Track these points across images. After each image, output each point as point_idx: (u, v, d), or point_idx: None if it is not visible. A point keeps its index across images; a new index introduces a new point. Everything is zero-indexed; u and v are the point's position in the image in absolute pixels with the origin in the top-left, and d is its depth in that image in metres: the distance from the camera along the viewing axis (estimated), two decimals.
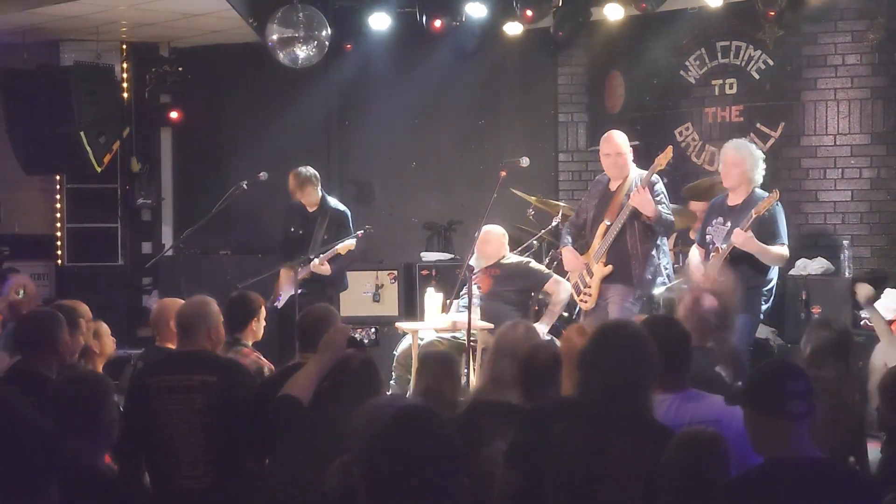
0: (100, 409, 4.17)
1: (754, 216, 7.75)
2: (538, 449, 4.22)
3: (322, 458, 4.19)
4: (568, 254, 8.70)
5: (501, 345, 5.34)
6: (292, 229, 10.14)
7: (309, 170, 10.00)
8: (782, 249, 8.00)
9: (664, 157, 8.16)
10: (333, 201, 10.11)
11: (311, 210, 10.01)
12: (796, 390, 3.83)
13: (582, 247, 8.69)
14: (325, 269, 9.66)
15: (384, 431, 3.25)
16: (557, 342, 6.18)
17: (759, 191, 8.09)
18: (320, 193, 10.02)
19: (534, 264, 9.45)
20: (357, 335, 5.01)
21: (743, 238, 7.77)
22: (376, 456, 3.19)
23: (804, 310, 9.19)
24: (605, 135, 8.62)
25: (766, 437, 3.84)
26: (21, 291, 8.26)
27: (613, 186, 8.52)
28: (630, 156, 8.51)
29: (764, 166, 8.21)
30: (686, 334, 4.91)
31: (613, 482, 4.14)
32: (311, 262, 9.58)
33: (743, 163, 8.09)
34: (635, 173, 8.44)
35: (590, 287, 8.48)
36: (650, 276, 8.34)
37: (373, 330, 5.12)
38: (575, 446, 4.18)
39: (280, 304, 9.69)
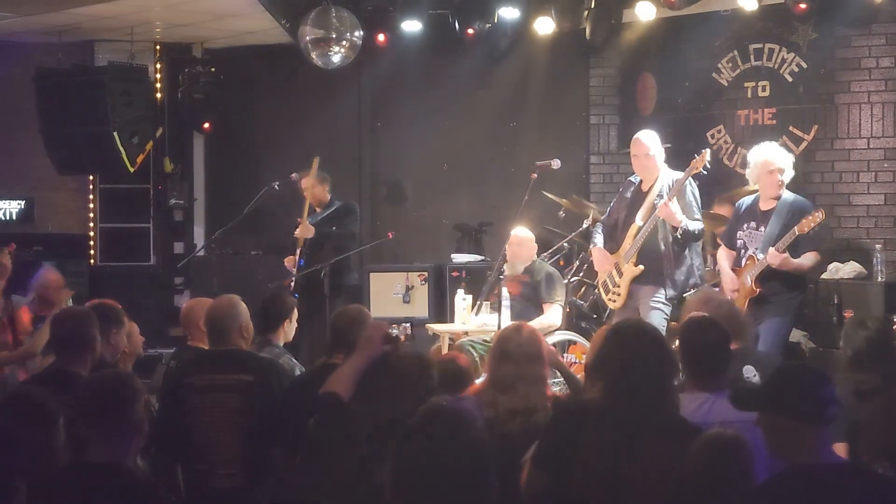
0: (129, 408, 4.19)
1: (797, 234, 7.69)
2: (566, 450, 4.23)
3: (368, 454, 4.21)
4: (598, 253, 8.68)
5: (504, 348, 5.34)
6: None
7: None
8: (816, 257, 7.96)
9: (700, 161, 8.11)
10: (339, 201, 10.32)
11: (318, 210, 10.13)
12: (831, 396, 3.82)
13: (612, 247, 8.68)
14: (309, 231, 9.77)
15: (412, 430, 3.26)
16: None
17: (788, 193, 8.05)
18: (329, 195, 10.21)
19: (557, 280, 9.33)
20: (394, 331, 5.02)
21: (780, 260, 7.71)
22: (403, 454, 3.20)
23: (836, 314, 9.11)
24: (634, 136, 8.60)
25: (794, 443, 3.80)
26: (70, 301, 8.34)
27: (645, 187, 8.50)
28: (660, 156, 8.47)
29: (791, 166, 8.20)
30: (725, 335, 4.93)
31: (644, 482, 4.15)
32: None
33: (787, 168, 8.05)
34: (667, 173, 8.42)
35: (619, 287, 8.47)
36: (682, 277, 8.30)
37: (409, 325, 5.11)
38: (605, 448, 4.19)
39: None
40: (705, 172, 8.22)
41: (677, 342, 5.05)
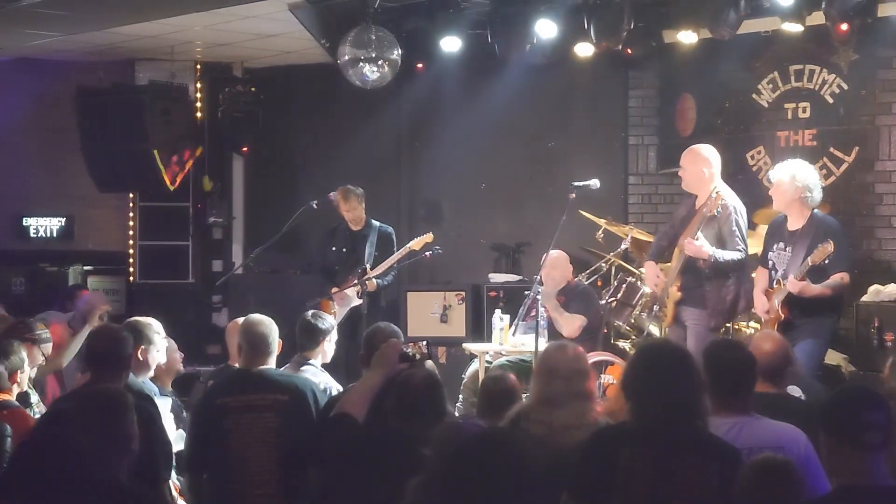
0: (118, 422, 4.24)
1: (810, 265, 7.59)
2: (602, 476, 4.21)
3: (385, 474, 4.19)
4: (649, 269, 8.57)
5: (553, 366, 5.32)
6: (333, 248, 10.48)
7: (355, 187, 10.38)
8: (843, 280, 7.82)
9: (713, 204, 7.98)
10: (378, 222, 10.41)
11: (355, 229, 10.24)
12: (873, 421, 3.76)
13: (668, 259, 8.55)
14: (372, 286, 9.89)
15: (465, 452, 3.24)
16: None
17: (818, 214, 7.95)
18: (364, 214, 10.34)
19: (585, 297, 9.39)
20: (409, 350, 5.03)
21: (799, 288, 7.60)
22: (456, 476, 3.18)
23: (877, 337, 9.03)
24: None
25: (839, 463, 3.79)
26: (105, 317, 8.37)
27: (698, 203, 8.32)
28: (709, 171, 8.26)
29: (818, 185, 8.08)
30: (750, 357, 4.88)
31: (684, 502, 4.12)
32: (366, 277, 9.84)
33: (781, 183, 7.95)
34: (722, 193, 8.15)
35: (665, 308, 8.41)
36: (723, 305, 8.12)
37: (424, 343, 5.11)
38: (643, 471, 4.17)
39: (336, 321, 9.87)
40: (717, 214, 8.07)
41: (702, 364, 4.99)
